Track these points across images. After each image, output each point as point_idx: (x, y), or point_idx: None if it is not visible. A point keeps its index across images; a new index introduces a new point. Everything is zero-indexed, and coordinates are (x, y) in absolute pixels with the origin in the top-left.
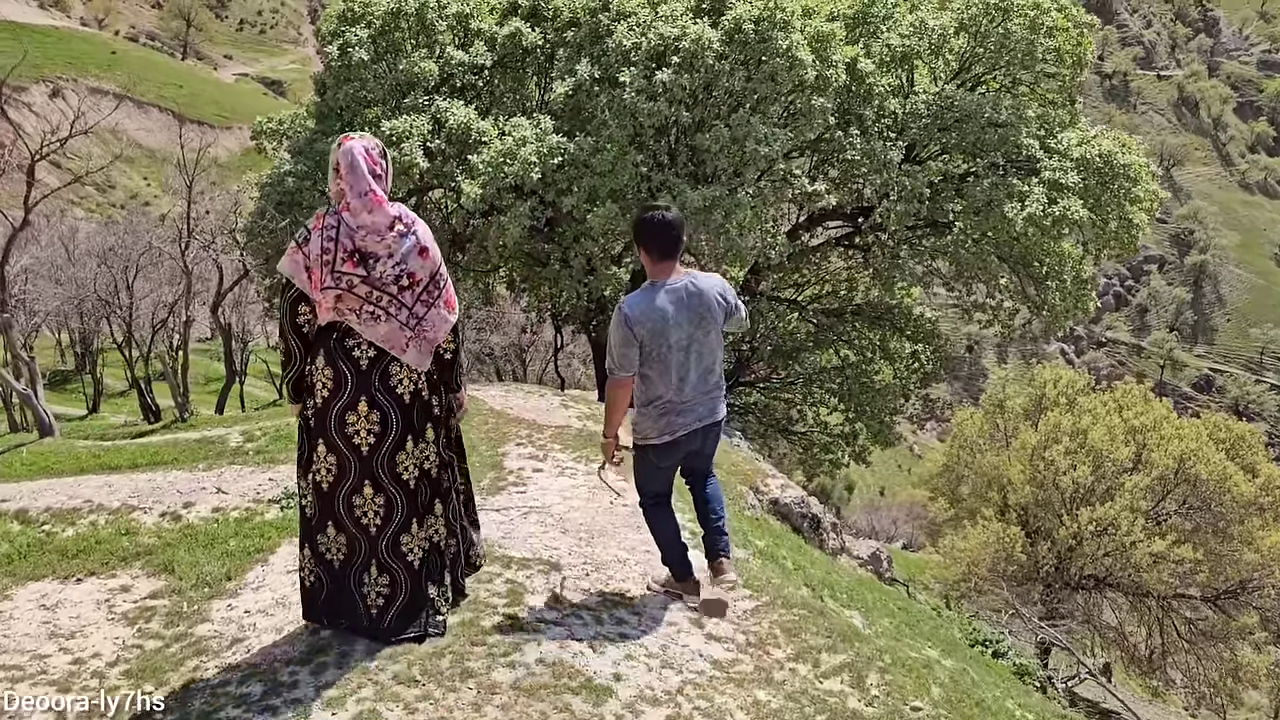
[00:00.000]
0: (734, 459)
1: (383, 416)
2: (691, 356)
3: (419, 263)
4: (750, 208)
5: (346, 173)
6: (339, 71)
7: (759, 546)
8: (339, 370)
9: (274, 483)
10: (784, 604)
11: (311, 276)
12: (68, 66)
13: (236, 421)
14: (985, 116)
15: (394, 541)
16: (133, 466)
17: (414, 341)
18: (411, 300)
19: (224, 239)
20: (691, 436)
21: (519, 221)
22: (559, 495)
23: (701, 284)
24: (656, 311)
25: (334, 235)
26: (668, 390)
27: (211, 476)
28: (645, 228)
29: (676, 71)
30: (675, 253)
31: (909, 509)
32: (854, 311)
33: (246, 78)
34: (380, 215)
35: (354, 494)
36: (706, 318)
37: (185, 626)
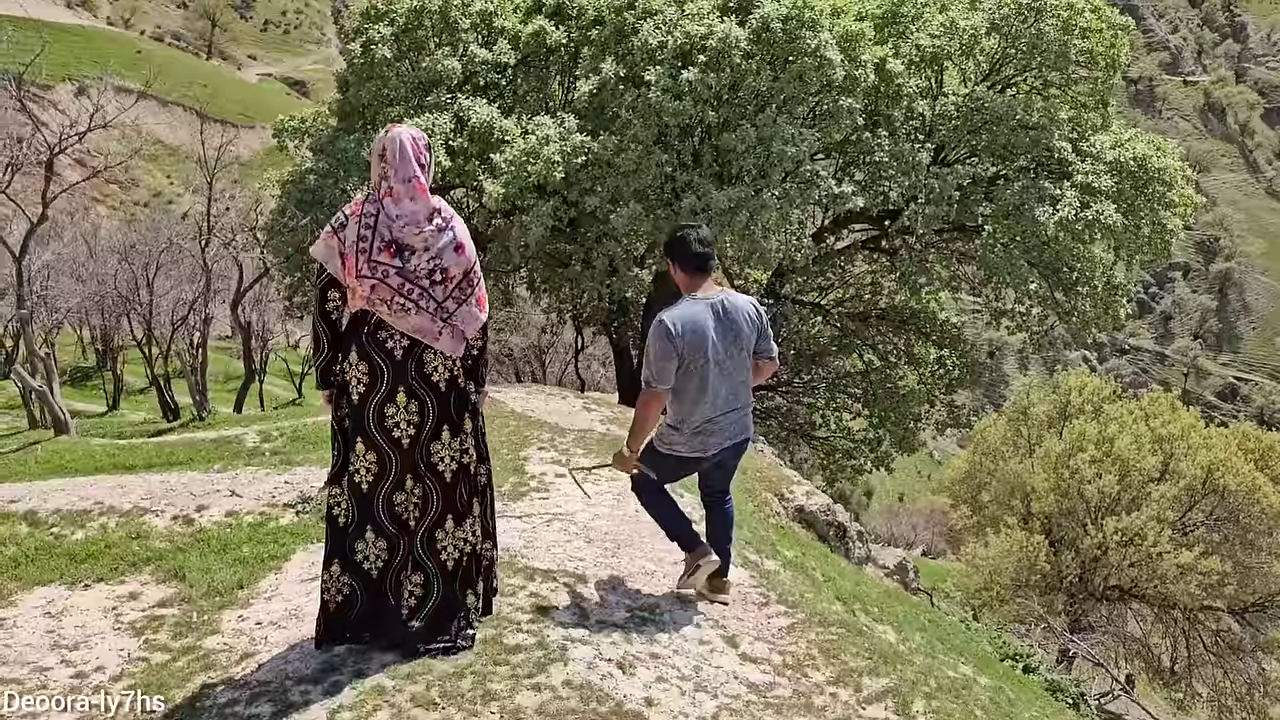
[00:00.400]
0: (758, 465)
1: (420, 406)
2: (725, 371)
3: (454, 258)
4: (776, 209)
5: (392, 157)
6: (361, 69)
7: (788, 557)
8: (374, 364)
9: (290, 486)
10: (820, 622)
11: (345, 263)
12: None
13: (254, 421)
14: (1016, 118)
15: (429, 537)
16: (147, 466)
17: (445, 330)
18: (443, 295)
19: (244, 237)
20: (721, 454)
21: (541, 221)
22: (582, 502)
23: (736, 301)
24: (697, 325)
25: (372, 224)
26: (700, 406)
27: (226, 478)
28: (681, 245)
29: (703, 70)
30: (709, 269)
31: (929, 515)
32: (879, 316)
33: (270, 78)
34: (421, 205)
35: (395, 490)
36: (740, 335)
37: (194, 638)
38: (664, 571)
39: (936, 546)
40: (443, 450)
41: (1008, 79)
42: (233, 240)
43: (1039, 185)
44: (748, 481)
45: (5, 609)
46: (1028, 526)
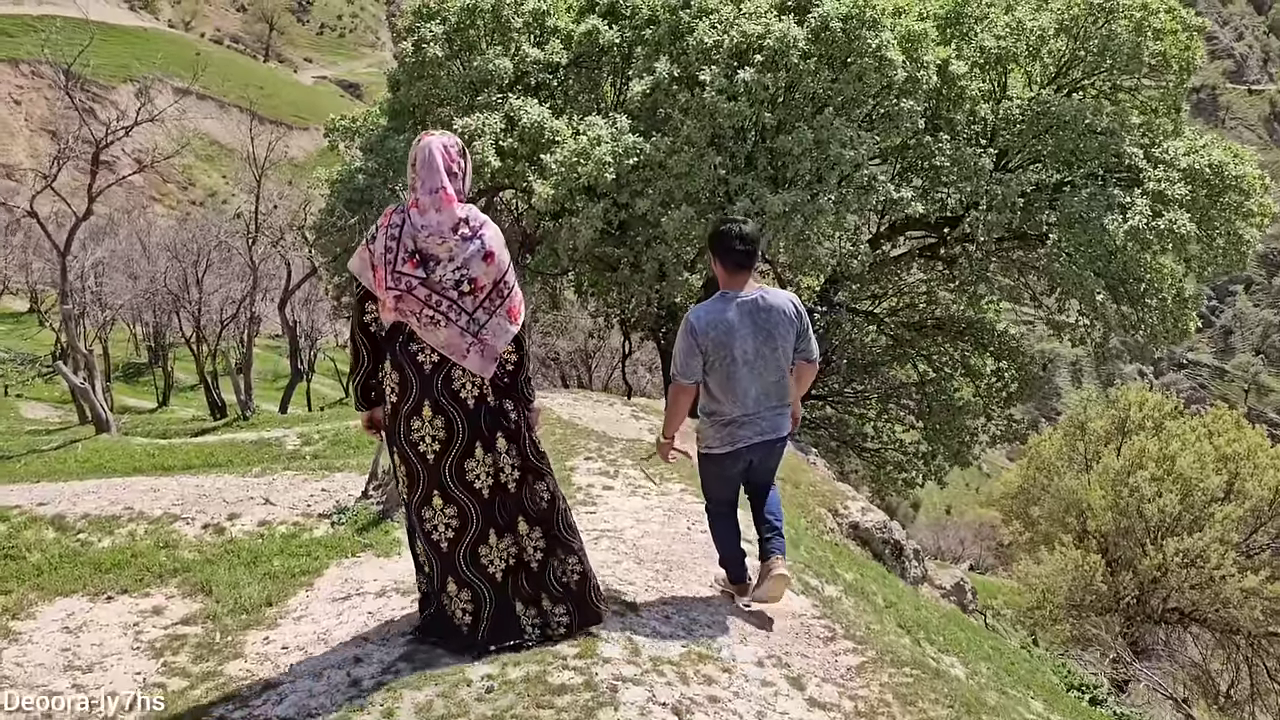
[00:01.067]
0: (811, 479)
1: (447, 421)
2: (755, 371)
3: (482, 268)
4: (832, 214)
5: (421, 168)
6: (413, 68)
7: (848, 580)
8: (405, 375)
9: (326, 494)
10: (892, 661)
11: (376, 275)
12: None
13: (296, 422)
14: (1085, 123)
15: (472, 553)
16: (186, 468)
17: (475, 347)
18: (472, 306)
19: (293, 235)
20: (753, 449)
21: (591, 224)
22: (632, 518)
23: (772, 299)
24: (723, 323)
25: (397, 235)
26: (729, 404)
27: (262, 484)
28: (722, 239)
29: (759, 70)
30: (750, 265)
31: (977, 529)
32: (935, 325)
33: (325, 80)
34: (446, 215)
35: (423, 506)
36: (774, 334)
37: (215, 663)
38: (720, 599)
39: (985, 561)
40: (477, 468)
41: (1075, 82)
42: (281, 239)
43: (1108, 193)
44: (800, 496)
45: (23, 622)
46: (1083, 545)
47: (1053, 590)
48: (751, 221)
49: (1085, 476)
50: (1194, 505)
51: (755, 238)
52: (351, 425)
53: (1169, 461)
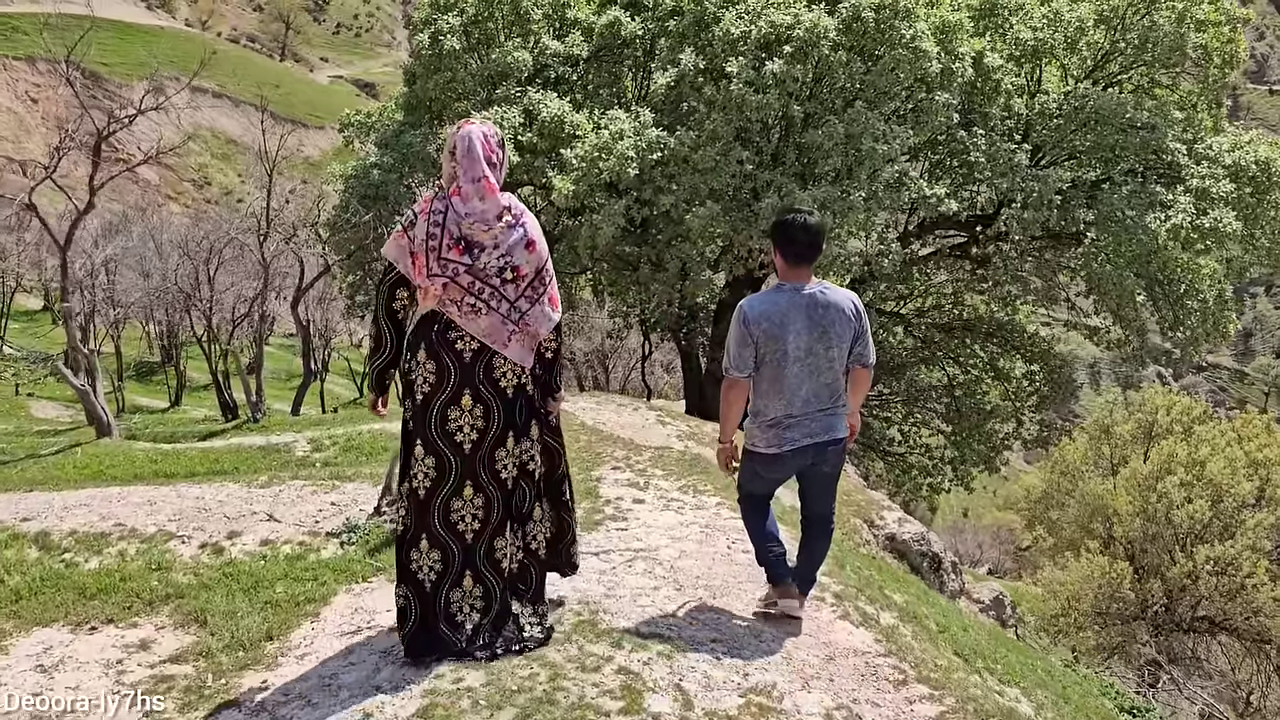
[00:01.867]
0: (845, 486)
1: (486, 410)
2: (807, 368)
3: (525, 256)
4: (863, 211)
5: (462, 157)
6: (429, 61)
7: (899, 604)
8: (442, 364)
9: (335, 509)
10: (977, 713)
11: (415, 262)
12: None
13: (307, 426)
14: (1126, 117)
15: (490, 546)
16: (189, 475)
17: (516, 335)
18: (515, 294)
19: (306, 232)
20: (801, 453)
21: (613, 221)
22: (666, 535)
23: (832, 296)
24: (777, 314)
25: (440, 221)
26: (778, 402)
27: (268, 495)
28: (786, 229)
29: (789, 62)
30: (811, 258)
31: (995, 532)
32: (965, 327)
33: (341, 80)
34: (490, 204)
35: (453, 497)
36: (830, 332)
37: (204, 712)
38: (772, 632)
39: (1003, 565)
40: (507, 457)
41: (1111, 76)
42: (294, 236)
43: (1149, 190)
44: None
45: None
46: (1109, 551)
47: (1077, 597)
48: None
49: (1111, 481)
50: (1225, 512)
51: (820, 229)
52: (364, 430)
53: (1199, 467)
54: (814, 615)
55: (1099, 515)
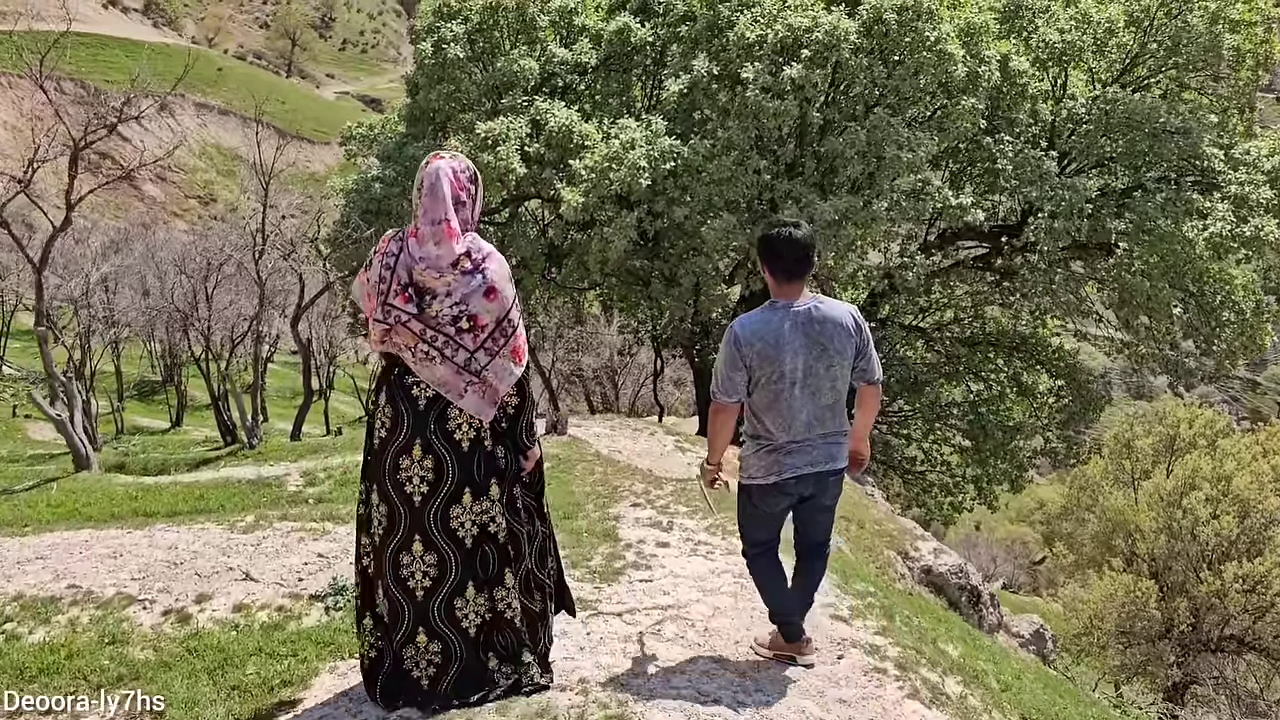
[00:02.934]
0: (875, 515)
1: (437, 463)
2: (807, 391)
3: (483, 305)
4: (887, 222)
5: (426, 195)
6: (432, 70)
7: (956, 661)
8: (398, 409)
9: (323, 561)
10: None
11: (369, 304)
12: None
13: (304, 454)
14: (1159, 122)
15: (447, 605)
16: (170, 514)
17: (474, 386)
18: (473, 345)
19: (307, 249)
20: (802, 481)
21: (625, 234)
22: (696, 586)
23: (828, 310)
24: (771, 334)
25: (391, 265)
26: (776, 428)
27: (249, 544)
28: (773, 245)
29: (807, 66)
30: (804, 273)
31: (1008, 546)
32: (989, 341)
33: (347, 96)
34: (445, 250)
35: (401, 551)
36: (829, 349)
37: None
38: (835, 716)
39: (1017, 579)
40: (463, 515)
41: (1139, 80)
42: (292, 253)
43: (1185, 197)
44: (867, 538)
45: None
46: (1132, 568)
47: (1100, 616)
48: (805, 225)
49: (1132, 497)
50: (1252, 528)
51: (810, 243)
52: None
53: (1224, 482)
54: (878, 693)
55: (1120, 531)
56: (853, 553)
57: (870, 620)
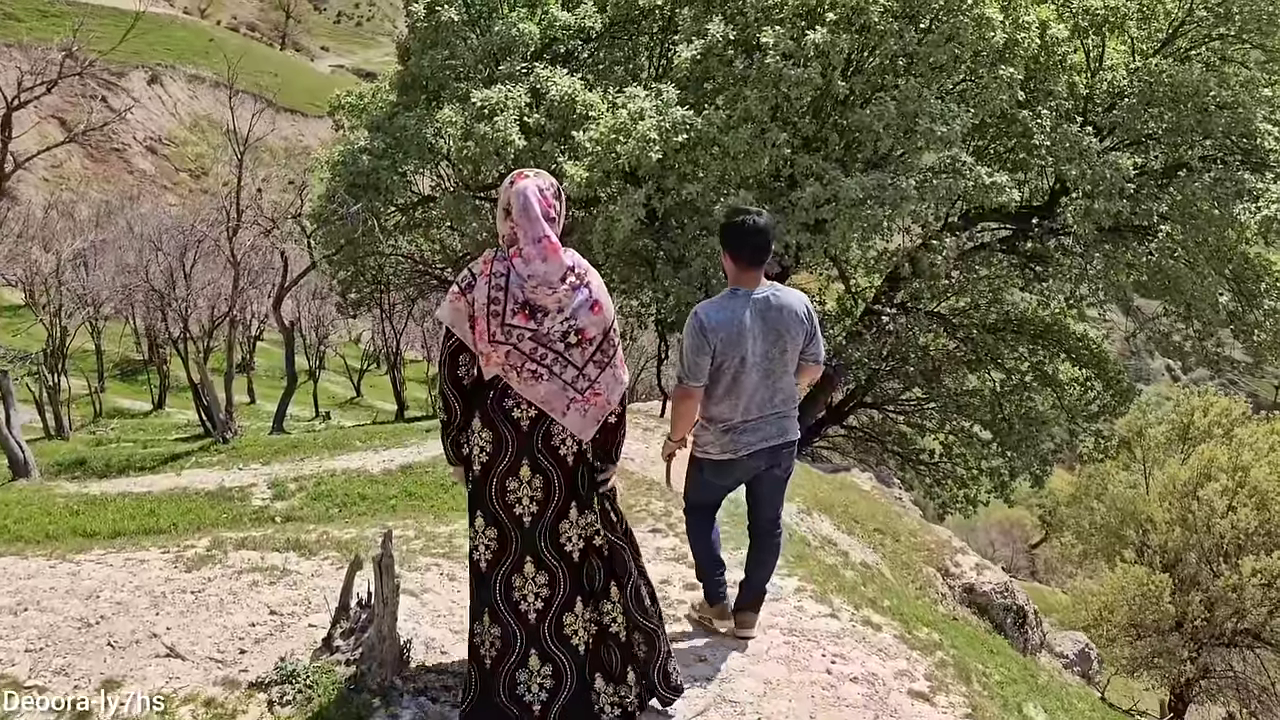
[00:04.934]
0: (910, 526)
1: (546, 481)
2: (762, 373)
3: (590, 318)
4: (919, 201)
5: (519, 216)
6: (425, 34)
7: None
8: (499, 433)
9: (276, 621)
10: None
11: (475, 326)
12: (166, 53)
13: (278, 453)
14: (1210, 95)
15: (557, 623)
16: (113, 535)
17: (575, 404)
18: (581, 360)
19: (289, 225)
20: (756, 457)
21: (632, 212)
22: (739, 650)
23: (785, 299)
24: (735, 321)
25: (503, 284)
26: (733, 409)
27: (189, 589)
28: (736, 232)
29: (833, 31)
30: (764, 261)
31: (1005, 529)
32: (1014, 329)
33: (342, 69)
34: (554, 265)
35: (514, 573)
36: (784, 335)
37: None
38: None
39: (1015, 563)
40: (570, 530)
41: (1180, 51)
42: (273, 229)
43: (1237, 177)
44: (903, 552)
45: None
46: (1144, 560)
47: (1111, 609)
48: (766, 214)
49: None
50: (1271, 520)
51: (771, 230)
52: (339, 469)
53: (1241, 473)
54: None
55: (1131, 522)
56: (892, 571)
57: (953, 693)
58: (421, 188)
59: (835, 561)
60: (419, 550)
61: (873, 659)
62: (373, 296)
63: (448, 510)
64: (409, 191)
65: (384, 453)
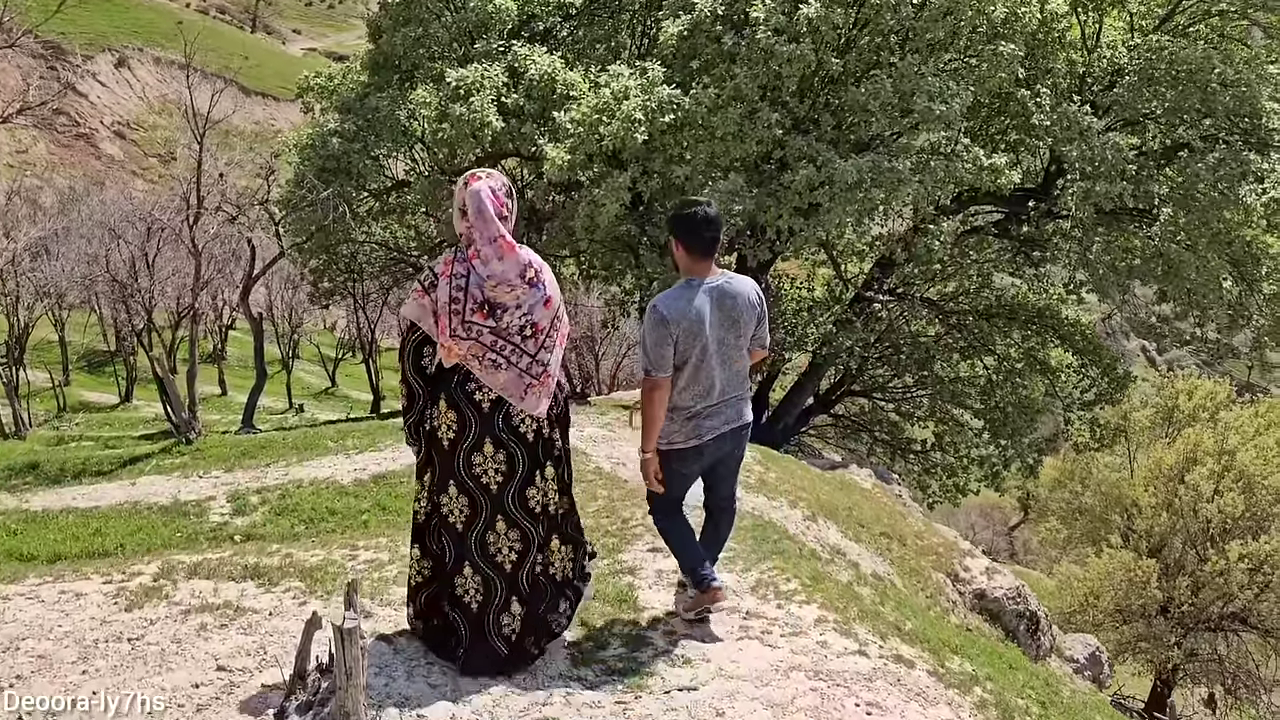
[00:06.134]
0: (916, 528)
1: (509, 456)
2: (720, 359)
3: (543, 312)
4: (916, 184)
5: (475, 217)
6: (397, 10)
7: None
8: (462, 414)
9: (224, 680)
10: None
11: (438, 322)
12: (133, 36)
13: (244, 455)
14: (1216, 73)
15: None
16: (53, 558)
17: (532, 389)
18: (535, 348)
19: (256, 211)
20: (720, 441)
21: (617, 196)
22: (759, 695)
23: (737, 286)
24: (693, 311)
25: (463, 285)
26: (695, 396)
27: (129, 633)
28: (689, 223)
29: (826, 4)
30: (714, 250)
31: (984, 512)
32: (1007, 314)
33: (314, 52)
34: (510, 263)
35: (487, 531)
36: (739, 321)
37: None
38: None
39: (996, 545)
40: (537, 494)
41: (1178, 28)
42: (238, 216)
43: (1242, 158)
44: (910, 557)
45: None
46: (1130, 545)
47: (1097, 594)
48: (715, 204)
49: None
50: (1258, 504)
51: (720, 220)
52: (306, 479)
53: (1228, 456)
54: None
55: (1117, 507)
56: (902, 580)
57: None
58: (395, 172)
59: (849, 578)
60: (392, 578)
61: (912, 707)
62: (346, 285)
63: None
64: (382, 176)
65: (356, 457)
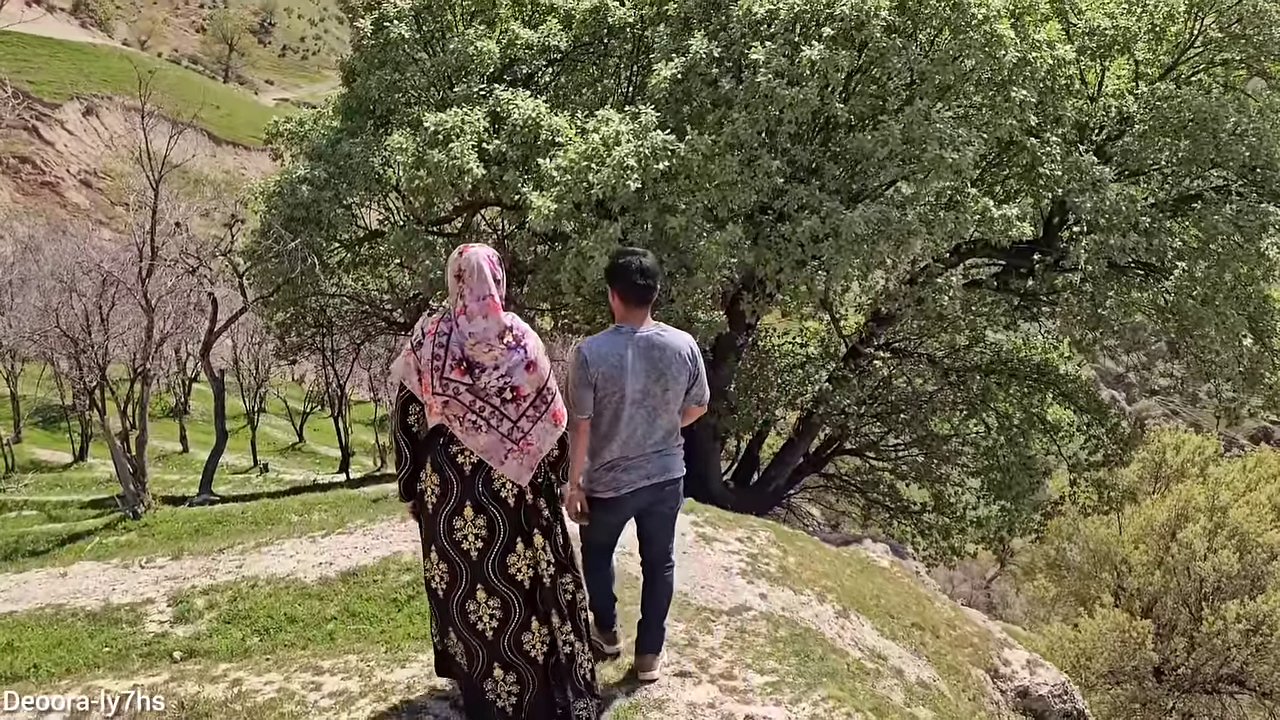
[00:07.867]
0: (948, 616)
1: (489, 521)
2: (643, 410)
3: (524, 377)
4: (925, 235)
5: (469, 276)
6: (372, 52)
7: None
8: (445, 476)
9: None
10: None
11: (422, 380)
12: (103, 84)
13: (196, 534)
14: (1231, 122)
15: (515, 641)
16: None
17: (514, 454)
18: (516, 414)
19: (219, 263)
20: (639, 494)
21: (606, 248)
22: None
23: (668, 339)
24: (615, 357)
25: (445, 343)
26: (613, 444)
27: None
28: (625, 273)
29: (830, 46)
30: (649, 300)
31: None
32: (1010, 372)
33: (286, 102)
34: (493, 322)
35: (467, 600)
36: (666, 374)
37: None
38: None
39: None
40: (519, 562)
41: (1183, 76)
42: (198, 268)
43: (1260, 209)
44: (946, 650)
45: None
46: (1122, 605)
47: (1089, 655)
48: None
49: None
50: (1254, 563)
51: (656, 271)
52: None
53: (1220, 513)
54: None
55: (1106, 564)
56: (945, 682)
57: None
58: (368, 221)
59: (902, 697)
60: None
61: None
62: (314, 340)
63: (403, 639)
64: (354, 225)
65: (322, 541)
